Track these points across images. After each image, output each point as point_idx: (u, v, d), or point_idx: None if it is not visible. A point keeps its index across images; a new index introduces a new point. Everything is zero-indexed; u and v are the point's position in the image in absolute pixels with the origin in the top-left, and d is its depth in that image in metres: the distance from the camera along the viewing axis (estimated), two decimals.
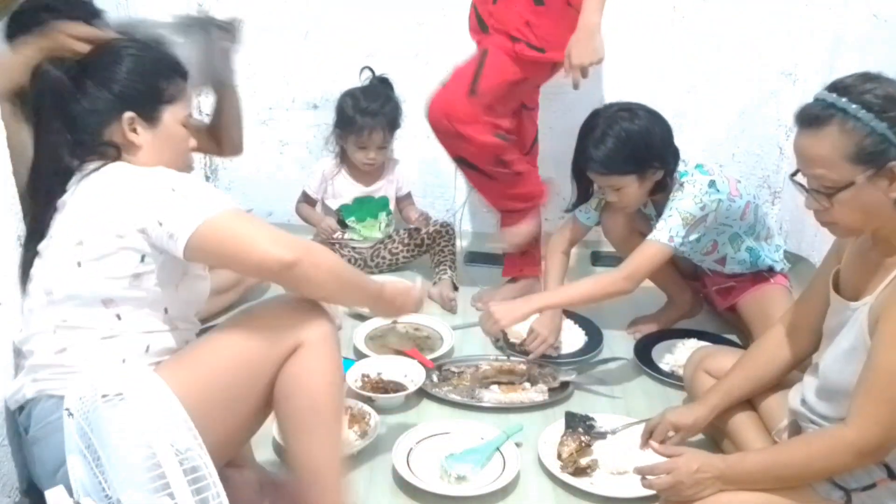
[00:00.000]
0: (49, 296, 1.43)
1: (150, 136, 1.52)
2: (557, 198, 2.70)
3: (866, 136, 1.35)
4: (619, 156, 2.12)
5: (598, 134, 2.13)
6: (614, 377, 2.27)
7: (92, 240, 1.40)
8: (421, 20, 2.88)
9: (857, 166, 1.36)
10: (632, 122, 2.12)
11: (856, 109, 1.34)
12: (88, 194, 1.43)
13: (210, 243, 1.37)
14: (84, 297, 1.42)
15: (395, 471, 1.84)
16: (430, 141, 3.01)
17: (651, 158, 2.15)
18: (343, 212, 2.80)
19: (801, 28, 2.82)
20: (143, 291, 1.43)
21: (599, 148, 2.12)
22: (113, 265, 1.40)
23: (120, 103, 1.49)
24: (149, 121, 1.51)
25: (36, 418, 1.43)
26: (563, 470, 1.86)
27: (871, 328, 1.43)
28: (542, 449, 1.92)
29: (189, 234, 1.35)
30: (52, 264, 1.44)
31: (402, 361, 2.25)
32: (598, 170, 2.17)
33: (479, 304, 2.62)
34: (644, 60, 2.87)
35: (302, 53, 2.95)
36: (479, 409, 2.12)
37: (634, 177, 2.15)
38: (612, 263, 2.92)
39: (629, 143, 2.11)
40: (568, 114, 2.95)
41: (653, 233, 2.15)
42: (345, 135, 2.72)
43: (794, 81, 2.89)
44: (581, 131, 2.20)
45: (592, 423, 1.99)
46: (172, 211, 1.37)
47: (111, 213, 1.39)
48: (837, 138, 1.36)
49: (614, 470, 1.86)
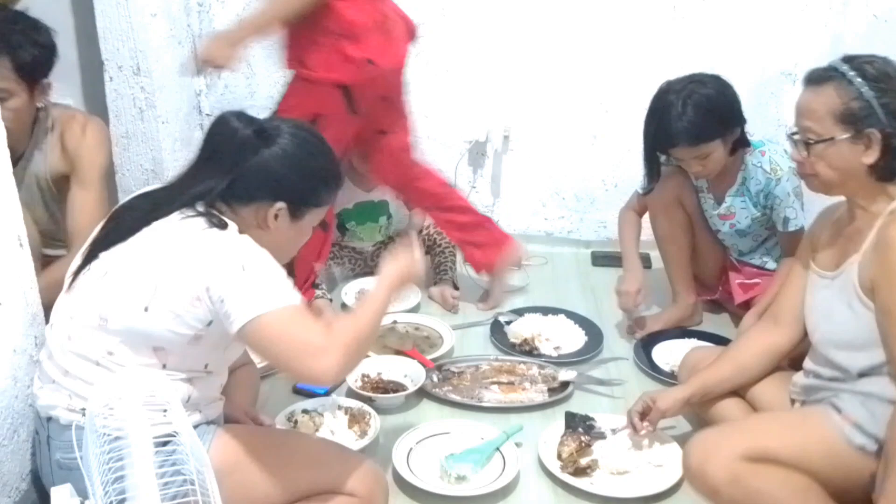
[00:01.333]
0: (104, 322, 1.43)
1: (285, 228, 1.54)
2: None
3: (854, 100, 1.48)
4: (704, 123, 2.16)
5: (679, 108, 2.15)
6: (614, 377, 2.27)
7: (167, 291, 1.40)
8: (421, 20, 2.87)
9: (840, 125, 1.50)
10: (704, 86, 2.18)
11: (853, 76, 1.49)
12: (180, 243, 1.43)
13: (259, 340, 1.41)
14: (139, 339, 1.43)
15: (395, 471, 1.83)
16: (430, 141, 3.02)
17: (731, 118, 2.21)
18: (343, 216, 2.79)
19: (801, 28, 2.82)
20: (196, 349, 1.46)
21: (682, 120, 2.15)
22: (181, 323, 1.41)
23: (280, 190, 1.50)
24: (293, 216, 1.53)
25: (65, 447, 1.43)
26: (563, 470, 1.86)
27: (862, 282, 1.51)
28: (542, 449, 1.92)
29: (243, 323, 1.38)
30: (117, 293, 1.43)
31: (402, 361, 2.25)
32: (686, 141, 2.18)
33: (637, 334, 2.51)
34: (644, 60, 2.87)
35: None
36: (479, 409, 2.12)
37: (720, 140, 2.20)
38: (611, 264, 2.94)
39: (711, 108, 2.16)
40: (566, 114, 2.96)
41: (790, 223, 2.24)
42: None
43: (794, 81, 2.89)
44: (654, 111, 2.22)
45: (592, 423, 1.99)
46: (235, 293, 1.38)
47: (192, 274, 1.40)
48: (830, 96, 1.50)
49: (614, 470, 1.86)
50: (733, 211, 2.37)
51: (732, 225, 2.39)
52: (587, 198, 3.08)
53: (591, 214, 3.09)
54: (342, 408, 2.01)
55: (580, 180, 3.05)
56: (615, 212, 3.05)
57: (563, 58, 2.89)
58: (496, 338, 2.45)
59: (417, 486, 1.79)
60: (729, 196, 2.35)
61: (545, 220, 3.12)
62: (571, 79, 2.92)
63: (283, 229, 1.54)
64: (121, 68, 2.59)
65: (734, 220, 2.38)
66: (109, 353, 1.43)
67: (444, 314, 2.61)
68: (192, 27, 2.89)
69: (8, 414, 1.55)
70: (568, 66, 2.90)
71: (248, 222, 1.51)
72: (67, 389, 1.45)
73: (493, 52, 2.90)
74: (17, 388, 1.58)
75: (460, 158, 3.03)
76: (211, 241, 1.43)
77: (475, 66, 2.92)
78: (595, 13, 2.83)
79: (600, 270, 2.96)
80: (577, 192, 3.07)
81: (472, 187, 3.09)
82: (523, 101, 2.96)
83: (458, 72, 2.93)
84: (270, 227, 1.52)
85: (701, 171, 2.26)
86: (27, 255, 1.63)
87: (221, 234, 1.45)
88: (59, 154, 2.14)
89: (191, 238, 1.44)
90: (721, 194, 2.37)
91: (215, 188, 1.49)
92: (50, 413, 1.47)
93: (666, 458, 1.88)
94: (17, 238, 1.58)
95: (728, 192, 2.35)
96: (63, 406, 1.46)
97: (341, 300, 2.63)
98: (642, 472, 1.86)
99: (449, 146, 3.03)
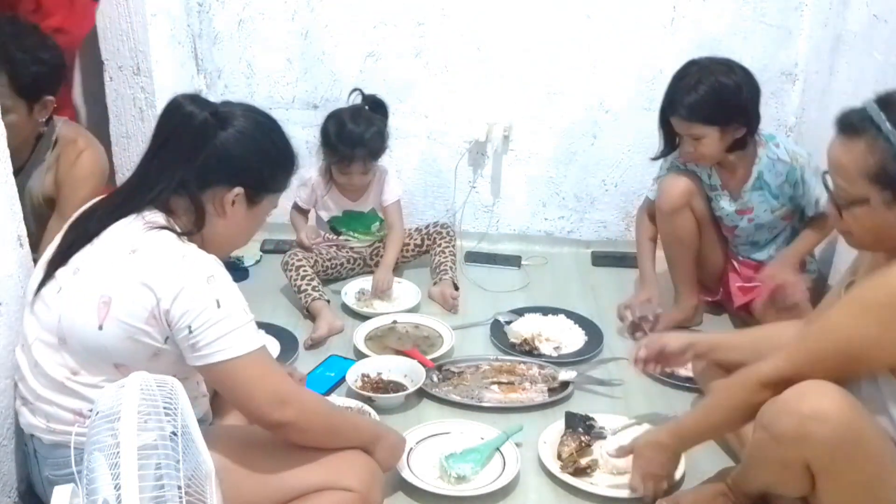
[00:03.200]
0: (62, 342, 1.41)
1: (241, 214, 1.51)
2: None
3: (892, 159, 1.33)
4: (706, 104, 2.16)
5: (692, 81, 2.16)
6: (614, 377, 2.27)
7: (122, 305, 1.36)
8: (421, 20, 2.88)
9: (875, 186, 1.35)
10: (727, 75, 2.17)
11: (889, 130, 1.32)
12: (137, 253, 1.38)
13: (219, 380, 1.42)
14: (99, 357, 1.40)
15: (395, 471, 1.83)
16: (430, 140, 3.02)
17: (737, 114, 2.19)
18: (334, 223, 2.79)
19: (801, 28, 2.82)
20: (159, 365, 1.42)
21: (690, 94, 2.16)
22: (136, 339, 1.38)
23: (238, 174, 1.48)
24: (250, 201, 1.51)
25: (52, 465, 1.45)
26: (563, 470, 1.86)
27: None
28: (542, 449, 1.92)
29: (206, 362, 1.38)
30: (71, 311, 1.40)
31: (402, 361, 2.25)
32: (682, 115, 2.19)
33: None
34: (644, 60, 2.87)
35: (302, 53, 2.95)
36: (479, 409, 2.12)
37: (717, 128, 2.19)
38: (611, 264, 2.94)
39: (720, 94, 2.15)
40: (566, 114, 2.96)
41: (821, 204, 2.22)
42: (328, 155, 2.66)
43: (794, 81, 2.89)
44: (674, 77, 2.24)
45: (592, 423, 1.99)
46: (205, 328, 1.36)
47: (151, 290, 1.36)
48: (864, 153, 1.35)
49: (614, 470, 1.86)
50: (751, 205, 2.36)
51: (751, 220, 2.39)
52: (587, 198, 3.08)
53: (591, 214, 3.09)
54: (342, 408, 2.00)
55: (580, 180, 3.05)
56: (615, 212, 3.07)
57: (563, 58, 2.89)
58: (496, 338, 2.45)
59: (417, 485, 1.79)
60: (745, 191, 2.35)
61: (545, 220, 3.12)
62: (572, 79, 2.91)
63: (239, 215, 1.50)
64: (121, 68, 2.59)
65: (752, 214, 2.38)
66: (73, 374, 1.41)
67: (444, 314, 2.61)
68: (192, 27, 2.89)
69: (8, 414, 1.55)
70: (568, 66, 2.90)
71: (207, 210, 1.47)
72: (43, 412, 1.44)
73: (493, 52, 2.90)
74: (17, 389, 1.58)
75: (460, 158, 3.02)
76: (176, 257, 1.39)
77: (475, 66, 2.92)
78: (595, 13, 2.83)
79: (600, 270, 2.97)
80: (577, 192, 3.07)
81: (472, 187, 3.09)
82: (523, 101, 2.96)
83: (457, 72, 2.93)
84: (227, 213, 1.49)
85: (691, 152, 2.26)
86: (27, 255, 1.64)
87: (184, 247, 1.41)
88: (52, 177, 2.10)
89: (153, 249, 1.39)
90: (737, 190, 2.37)
91: (175, 178, 1.44)
92: (32, 432, 1.48)
93: None
94: (17, 238, 1.58)
95: (744, 188, 2.35)
96: (42, 428, 1.45)
97: (342, 300, 2.63)
98: None
99: (449, 146, 3.03)
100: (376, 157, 2.66)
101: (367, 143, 2.58)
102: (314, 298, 2.52)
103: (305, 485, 1.48)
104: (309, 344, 2.40)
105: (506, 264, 3.00)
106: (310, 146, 3.08)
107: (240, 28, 2.91)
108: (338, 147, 2.59)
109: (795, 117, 2.92)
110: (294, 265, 2.61)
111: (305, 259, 2.65)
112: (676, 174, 2.39)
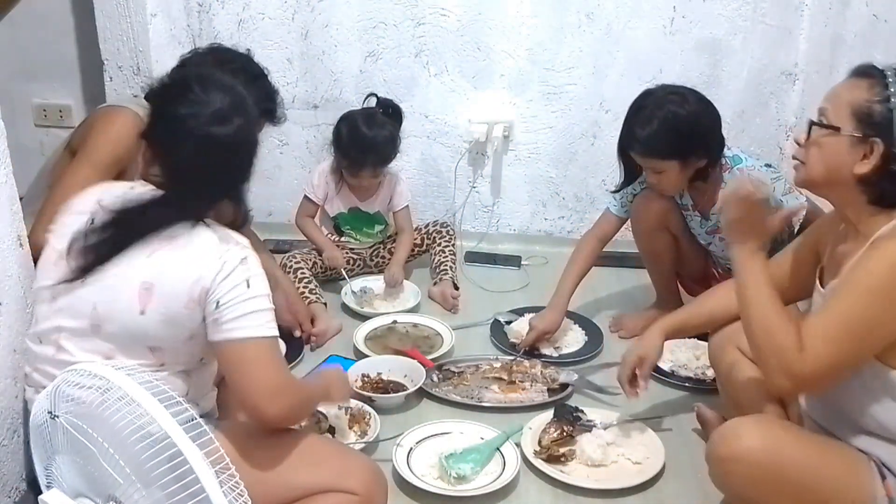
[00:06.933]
0: (96, 330, 1.42)
1: None
2: None
3: (879, 103, 1.40)
4: (663, 139, 2.09)
5: (646, 114, 2.10)
6: (614, 377, 2.26)
7: (164, 289, 1.39)
8: (421, 20, 2.88)
9: (853, 119, 1.42)
10: (681, 106, 2.09)
11: (892, 82, 1.40)
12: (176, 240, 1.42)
13: (227, 359, 1.43)
14: (137, 341, 1.42)
15: (395, 471, 1.83)
16: (430, 140, 3.03)
17: (695, 146, 2.12)
18: (339, 220, 2.79)
19: (801, 28, 2.82)
20: (193, 347, 1.45)
21: (645, 128, 2.10)
22: (176, 323, 1.41)
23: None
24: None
25: None
26: (536, 455, 1.88)
27: None
28: (525, 434, 1.94)
29: (225, 337, 1.40)
30: (112, 298, 1.41)
31: (402, 361, 2.25)
32: (640, 151, 2.15)
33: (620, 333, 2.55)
34: (644, 60, 2.87)
35: (302, 53, 2.95)
36: (479, 409, 2.12)
37: (676, 162, 2.13)
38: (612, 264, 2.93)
39: (675, 127, 2.08)
40: (566, 114, 2.96)
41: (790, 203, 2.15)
42: (338, 158, 2.66)
43: (794, 81, 2.89)
44: (630, 110, 2.17)
45: (580, 415, 1.99)
46: (233, 304, 1.40)
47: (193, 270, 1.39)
48: (860, 90, 1.42)
49: (589, 462, 1.88)
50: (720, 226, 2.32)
51: (722, 238, 2.32)
52: (587, 198, 3.08)
53: (591, 214, 3.08)
54: (342, 408, 2.00)
55: (580, 180, 3.05)
56: None
57: (563, 58, 2.89)
58: (496, 338, 2.45)
59: (417, 485, 1.79)
60: (715, 213, 2.28)
61: (545, 220, 3.13)
62: (572, 79, 2.92)
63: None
64: (121, 68, 2.59)
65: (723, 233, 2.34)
66: (107, 358, 1.42)
67: (444, 314, 2.61)
68: (192, 27, 2.89)
69: (8, 414, 1.55)
70: (568, 66, 2.90)
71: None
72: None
73: (493, 52, 2.90)
74: (17, 388, 1.58)
75: (460, 158, 3.03)
76: (212, 241, 1.43)
77: (475, 66, 2.92)
78: (595, 13, 2.83)
79: (600, 270, 2.94)
80: (577, 192, 3.07)
81: (472, 187, 3.09)
82: (523, 101, 2.96)
83: (458, 72, 2.93)
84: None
85: (655, 183, 2.22)
86: (27, 254, 1.64)
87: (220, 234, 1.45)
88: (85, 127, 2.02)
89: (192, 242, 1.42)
90: (706, 211, 2.33)
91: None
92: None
93: (644, 455, 1.92)
94: (17, 238, 1.58)
95: (713, 209, 2.28)
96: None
97: (341, 300, 2.63)
98: (621, 467, 1.90)
99: (449, 146, 3.03)
100: (387, 162, 2.66)
101: (379, 149, 2.59)
102: (311, 301, 2.52)
103: (308, 485, 1.48)
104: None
105: (506, 264, 3.00)
106: (310, 146, 3.08)
107: (240, 28, 2.91)
108: (349, 151, 2.59)
109: (795, 117, 2.92)
110: (292, 268, 2.61)
111: (304, 261, 2.65)
112: (650, 193, 2.33)
